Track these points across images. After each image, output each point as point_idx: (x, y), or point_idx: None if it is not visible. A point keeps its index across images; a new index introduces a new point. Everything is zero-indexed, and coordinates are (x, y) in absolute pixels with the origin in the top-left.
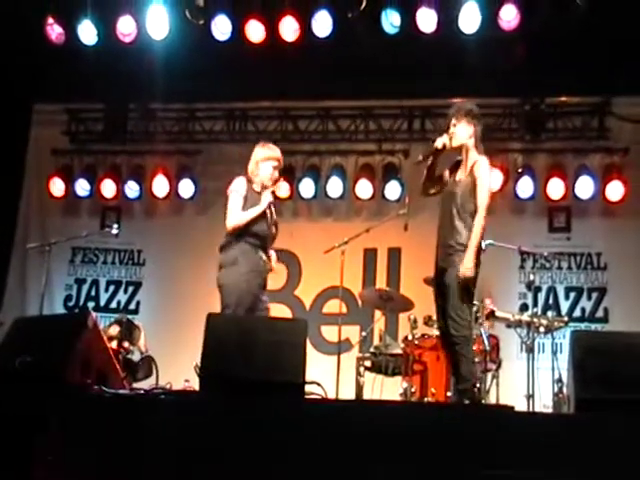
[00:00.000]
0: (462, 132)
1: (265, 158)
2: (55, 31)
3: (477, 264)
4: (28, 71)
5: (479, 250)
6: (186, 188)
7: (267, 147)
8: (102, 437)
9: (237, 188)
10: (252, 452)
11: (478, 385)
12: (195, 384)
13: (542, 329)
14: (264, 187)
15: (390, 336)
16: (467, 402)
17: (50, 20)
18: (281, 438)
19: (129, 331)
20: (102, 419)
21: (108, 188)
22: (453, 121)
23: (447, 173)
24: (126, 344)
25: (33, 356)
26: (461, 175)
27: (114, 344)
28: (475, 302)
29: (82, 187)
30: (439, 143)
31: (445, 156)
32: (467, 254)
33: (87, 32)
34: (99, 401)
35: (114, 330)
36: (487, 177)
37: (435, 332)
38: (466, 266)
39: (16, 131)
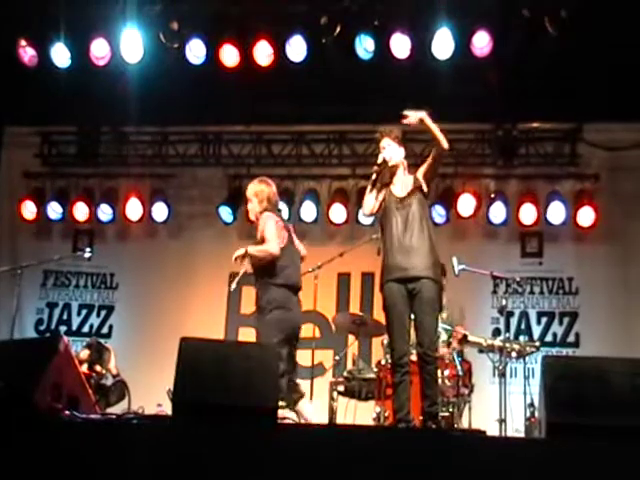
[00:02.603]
0: (397, 152)
1: None
2: (28, 53)
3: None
4: (0, 93)
5: None
6: (159, 211)
7: None
8: (73, 463)
9: None
10: (225, 477)
11: (451, 410)
12: (168, 408)
13: (514, 354)
14: None
15: (363, 361)
16: (435, 426)
17: (23, 42)
18: (254, 463)
19: (99, 353)
20: (73, 444)
21: (80, 211)
22: (387, 142)
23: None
24: (98, 368)
25: (3, 381)
26: (404, 190)
27: (84, 367)
28: (447, 327)
29: (54, 210)
30: (387, 156)
31: None
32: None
33: (60, 55)
34: (70, 426)
35: (84, 354)
36: None
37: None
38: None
39: None
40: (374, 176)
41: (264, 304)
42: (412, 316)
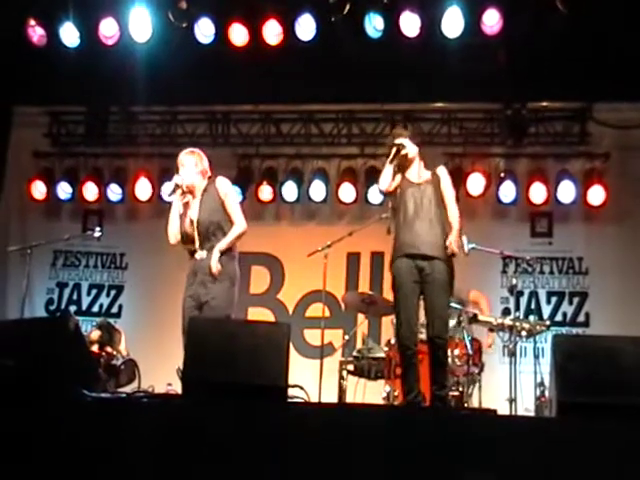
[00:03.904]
0: (412, 149)
1: None
2: (37, 33)
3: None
4: (9, 73)
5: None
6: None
7: None
8: (83, 442)
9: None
10: (234, 456)
11: (461, 389)
12: (178, 387)
13: (524, 333)
14: None
15: (373, 340)
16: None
17: (32, 22)
18: (264, 442)
19: (110, 335)
20: (83, 423)
21: (90, 191)
22: (399, 140)
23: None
24: (109, 349)
25: (13, 360)
26: (420, 177)
27: (95, 348)
28: (457, 305)
29: (63, 190)
30: (409, 149)
31: None
32: (454, 234)
33: (69, 34)
34: (80, 405)
35: (95, 334)
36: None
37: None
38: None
39: None
40: (393, 151)
41: (233, 276)
42: (422, 298)
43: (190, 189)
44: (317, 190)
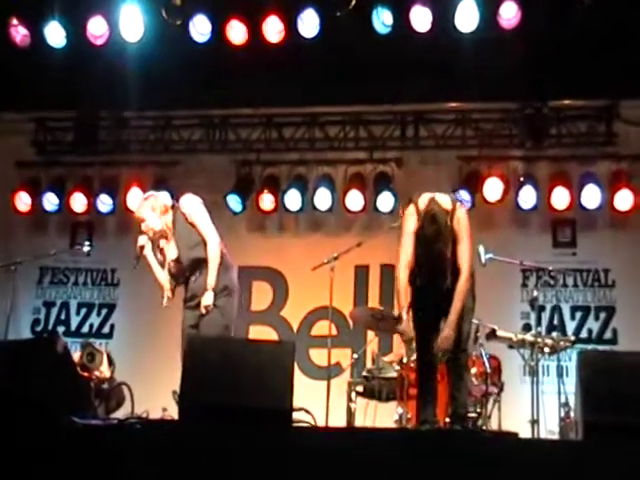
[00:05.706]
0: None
1: None
2: (20, 33)
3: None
4: None
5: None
6: None
7: None
8: (73, 471)
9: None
10: None
11: (479, 410)
12: (174, 412)
13: (547, 350)
14: None
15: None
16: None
17: (14, 21)
18: (267, 469)
19: (91, 356)
20: (73, 451)
21: (78, 202)
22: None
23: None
24: (97, 373)
25: None
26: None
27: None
28: (474, 320)
29: (50, 201)
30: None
31: None
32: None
33: (55, 34)
34: (69, 432)
35: (75, 356)
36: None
37: None
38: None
39: None
40: None
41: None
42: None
43: (161, 234)
44: (322, 198)
